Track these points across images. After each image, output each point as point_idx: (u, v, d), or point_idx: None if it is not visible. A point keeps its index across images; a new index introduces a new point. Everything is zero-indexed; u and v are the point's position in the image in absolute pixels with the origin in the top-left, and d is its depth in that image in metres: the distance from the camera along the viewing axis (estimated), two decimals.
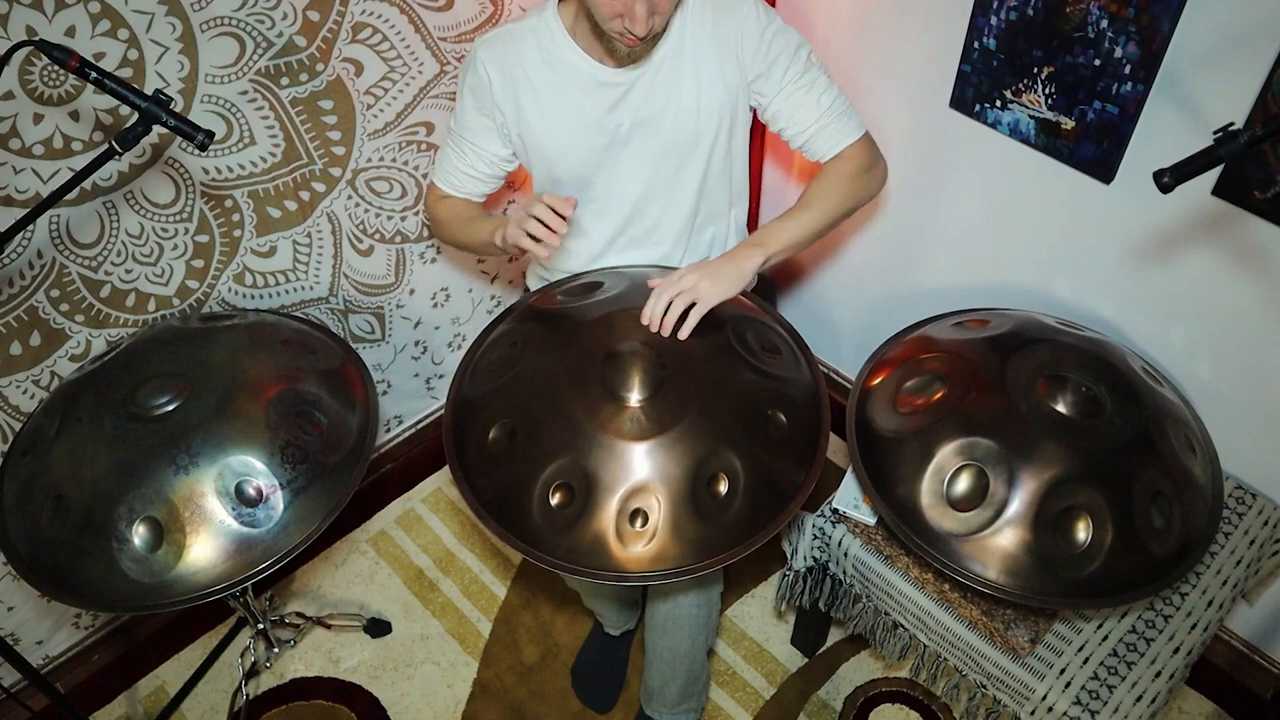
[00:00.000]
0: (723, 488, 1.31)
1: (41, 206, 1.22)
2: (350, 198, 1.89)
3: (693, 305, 1.40)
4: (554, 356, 1.37)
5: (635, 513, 1.28)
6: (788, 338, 1.53)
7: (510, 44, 1.46)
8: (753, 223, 2.21)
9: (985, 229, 1.84)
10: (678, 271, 1.44)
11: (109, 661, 2.04)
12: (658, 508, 1.28)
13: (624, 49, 1.38)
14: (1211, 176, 1.41)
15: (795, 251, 1.51)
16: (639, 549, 1.28)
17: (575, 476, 1.30)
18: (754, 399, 1.38)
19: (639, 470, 1.29)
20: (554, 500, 1.30)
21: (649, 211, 1.59)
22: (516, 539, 1.30)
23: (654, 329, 1.39)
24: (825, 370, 2.38)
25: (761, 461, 1.34)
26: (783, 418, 1.38)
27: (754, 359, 1.43)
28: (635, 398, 1.33)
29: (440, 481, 2.40)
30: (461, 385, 1.48)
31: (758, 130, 1.94)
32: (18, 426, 1.65)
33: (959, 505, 1.36)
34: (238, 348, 1.57)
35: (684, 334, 1.38)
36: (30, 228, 1.48)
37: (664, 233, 1.62)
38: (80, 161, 1.50)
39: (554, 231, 1.34)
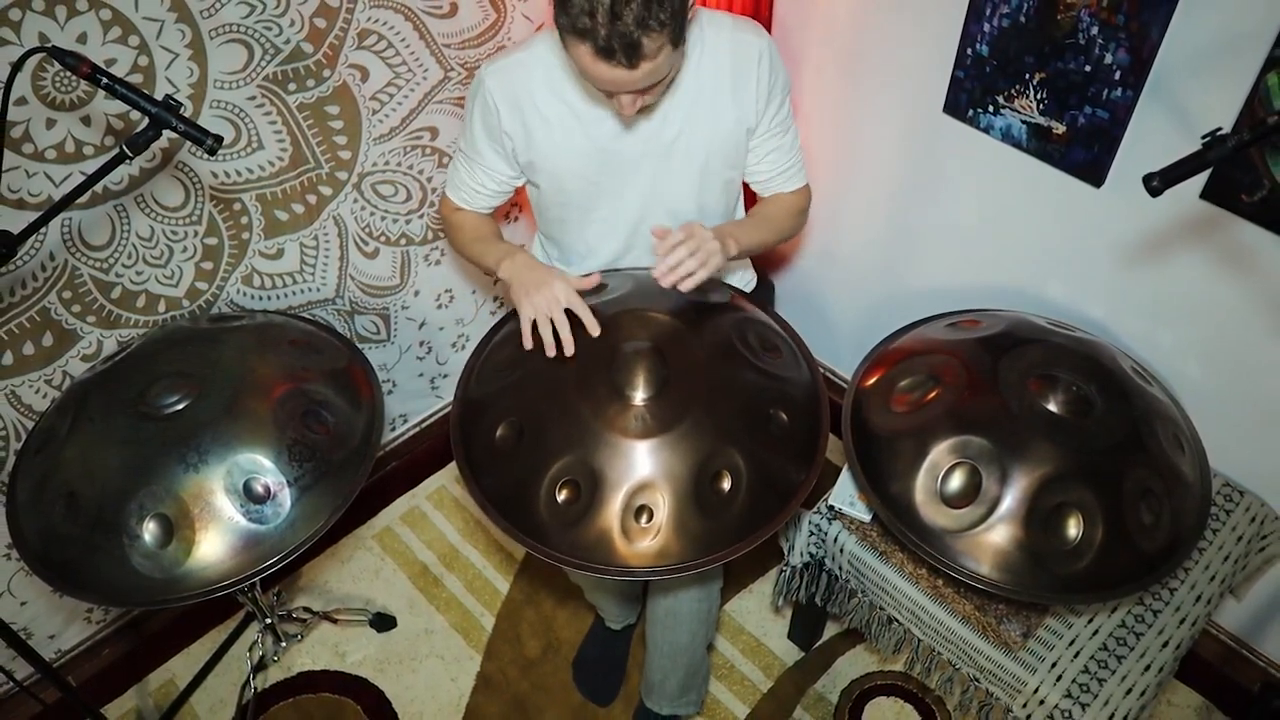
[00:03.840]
0: (725, 485, 1.33)
1: (54, 209, 1.23)
2: (356, 201, 1.91)
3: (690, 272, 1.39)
4: (559, 356, 1.39)
5: (640, 509, 1.30)
6: (787, 338, 1.55)
7: (517, 74, 1.44)
8: None
9: (978, 231, 1.86)
10: (700, 230, 1.40)
11: (120, 655, 2.06)
12: (662, 504, 1.30)
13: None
14: (1200, 180, 1.44)
15: (742, 258, 1.61)
16: (643, 545, 1.30)
17: (581, 474, 1.32)
18: (756, 398, 1.40)
19: (644, 467, 1.31)
20: (560, 497, 1.32)
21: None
22: (523, 534, 1.32)
23: (665, 281, 1.38)
24: (823, 370, 2.41)
25: (763, 459, 1.36)
26: (784, 416, 1.40)
27: (755, 359, 1.45)
28: (640, 396, 1.35)
29: (444, 479, 2.42)
30: (468, 384, 1.50)
31: None
32: (30, 425, 1.67)
33: (952, 502, 1.38)
34: (246, 348, 1.59)
35: (686, 287, 1.39)
36: (43, 230, 1.49)
37: None
38: (92, 165, 1.52)
39: (560, 347, 1.37)
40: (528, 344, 1.40)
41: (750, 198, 1.70)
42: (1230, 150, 1.10)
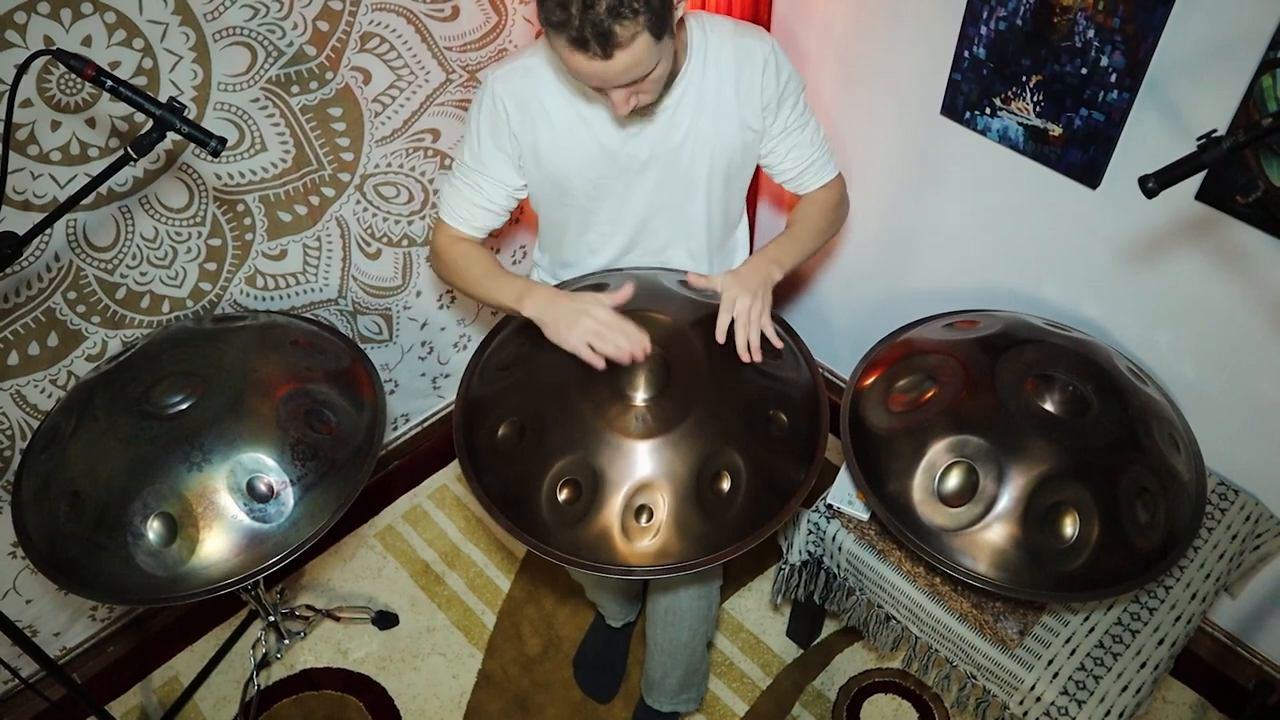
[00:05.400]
0: (725, 485, 1.34)
1: (59, 211, 1.24)
2: (359, 202, 1.92)
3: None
4: (561, 357, 1.39)
5: (640, 508, 1.31)
6: (787, 339, 1.56)
7: (525, 78, 1.43)
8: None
9: (976, 233, 1.87)
10: (738, 299, 1.41)
11: (124, 653, 2.07)
12: (662, 504, 1.31)
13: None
14: (1195, 182, 1.45)
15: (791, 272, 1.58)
16: (643, 544, 1.31)
17: (582, 473, 1.33)
18: (756, 399, 1.41)
19: (644, 467, 1.32)
20: (561, 496, 1.33)
21: (658, 235, 1.62)
22: (524, 533, 1.33)
23: (745, 357, 1.41)
24: (822, 370, 2.42)
25: (763, 460, 1.37)
26: (784, 417, 1.41)
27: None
28: (641, 397, 1.36)
29: (446, 478, 2.43)
30: (470, 384, 1.51)
31: None
32: (36, 424, 1.68)
33: (950, 501, 1.39)
34: (249, 348, 1.60)
35: (759, 357, 1.41)
36: (48, 231, 1.50)
37: (671, 254, 1.65)
38: (97, 167, 1.53)
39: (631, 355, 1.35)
40: (600, 365, 1.36)
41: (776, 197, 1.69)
42: (1225, 152, 1.11)
